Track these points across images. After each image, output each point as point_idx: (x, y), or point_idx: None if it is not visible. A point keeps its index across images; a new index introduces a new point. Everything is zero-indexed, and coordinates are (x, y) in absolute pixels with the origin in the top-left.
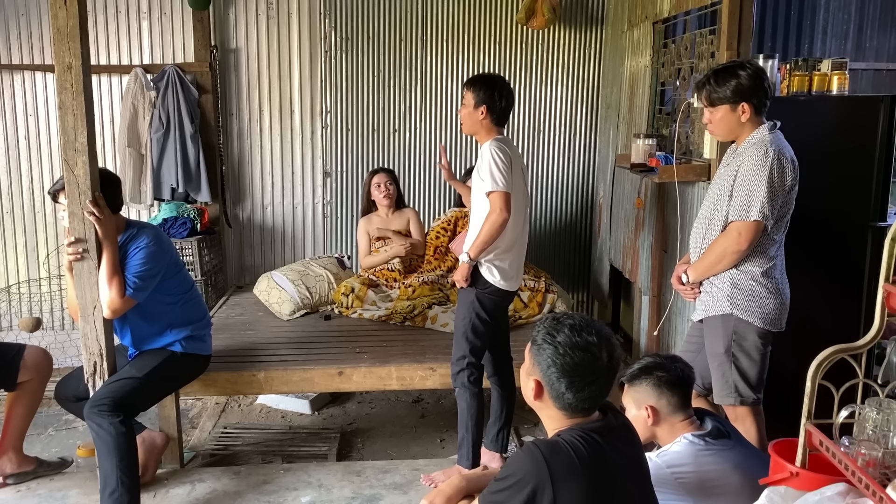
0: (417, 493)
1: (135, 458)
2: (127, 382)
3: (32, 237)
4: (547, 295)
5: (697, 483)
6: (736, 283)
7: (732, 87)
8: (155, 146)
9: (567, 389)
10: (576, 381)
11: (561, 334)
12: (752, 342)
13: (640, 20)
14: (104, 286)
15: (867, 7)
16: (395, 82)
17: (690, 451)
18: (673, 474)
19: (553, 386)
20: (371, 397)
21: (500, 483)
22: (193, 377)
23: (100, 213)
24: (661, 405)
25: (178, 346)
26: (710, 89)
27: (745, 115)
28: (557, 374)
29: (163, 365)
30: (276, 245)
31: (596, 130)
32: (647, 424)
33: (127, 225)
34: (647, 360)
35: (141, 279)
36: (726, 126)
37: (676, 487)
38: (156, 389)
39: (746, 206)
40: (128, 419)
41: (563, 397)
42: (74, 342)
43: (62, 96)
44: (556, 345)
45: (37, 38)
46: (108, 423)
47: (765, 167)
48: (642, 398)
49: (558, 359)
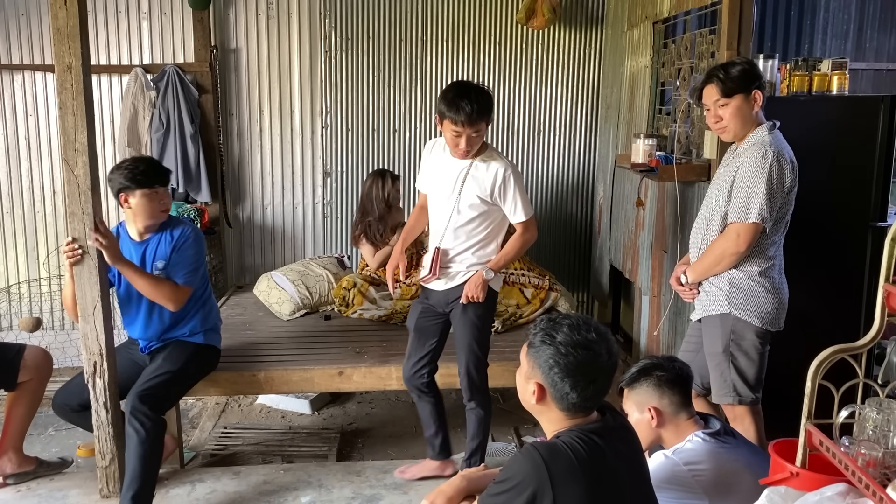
0: (417, 494)
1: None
2: (166, 378)
3: (32, 237)
4: (550, 293)
5: (714, 480)
6: (734, 282)
7: (740, 72)
8: (155, 146)
9: (571, 389)
10: (580, 380)
11: (560, 334)
12: (750, 342)
13: (640, 20)
14: (155, 297)
15: (867, 7)
16: (395, 82)
17: (706, 449)
18: (690, 471)
19: (556, 387)
20: (371, 397)
21: (500, 486)
22: (210, 371)
23: (103, 238)
24: (664, 405)
25: (200, 336)
26: (724, 78)
27: (757, 103)
28: (561, 375)
29: (192, 358)
30: (276, 245)
31: (596, 130)
32: (652, 426)
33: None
34: (645, 361)
35: (195, 266)
36: (741, 118)
37: (693, 485)
38: (186, 383)
39: (745, 207)
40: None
41: (567, 397)
42: (74, 342)
43: (62, 96)
44: (557, 345)
45: (37, 38)
46: (153, 423)
47: (764, 168)
48: (644, 400)
49: (561, 359)
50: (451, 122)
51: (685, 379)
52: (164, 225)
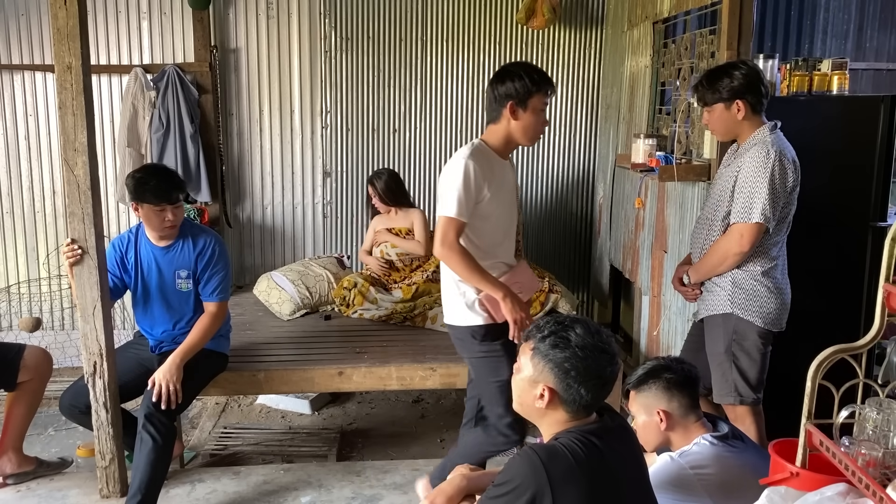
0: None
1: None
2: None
3: (32, 237)
4: (550, 295)
5: (719, 484)
6: (737, 282)
7: (724, 86)
8: (155, 146)
9: (587, 392)
10: (597, 383)
11: (575, 337)
12: (752, 342)
13: (640, 20)
14: (209, 338)
15: (867, 7)
16: (395, 82)
17: (712, 453)
18: (696, 475)
19: (570, 389)
20: (371, 397)
21: (499, 489)
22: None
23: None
24: (673, 408)
25: (212, 343)
26: (703, 91)
27: (741, 112)
28: (580, 378)
29: (205, 364)
30: (276, 245)
31: (596, 130)
32: (661, 429)
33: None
34: (652, 363)
35: (226, 280)
36: (724, 125)
37: (697, 489)
38: (197, 389)
39: (748, 207)
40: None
41: (580, 400)
42: (74, 342)
43: (62, 96)
44: (574, 348)
45: (37, 38)
46: (167, 429)
47: (766, 168)
48: (652, 403)
49: (579, 362)
50: (544, 95)
51: (694, 381)
52: (185, 231)
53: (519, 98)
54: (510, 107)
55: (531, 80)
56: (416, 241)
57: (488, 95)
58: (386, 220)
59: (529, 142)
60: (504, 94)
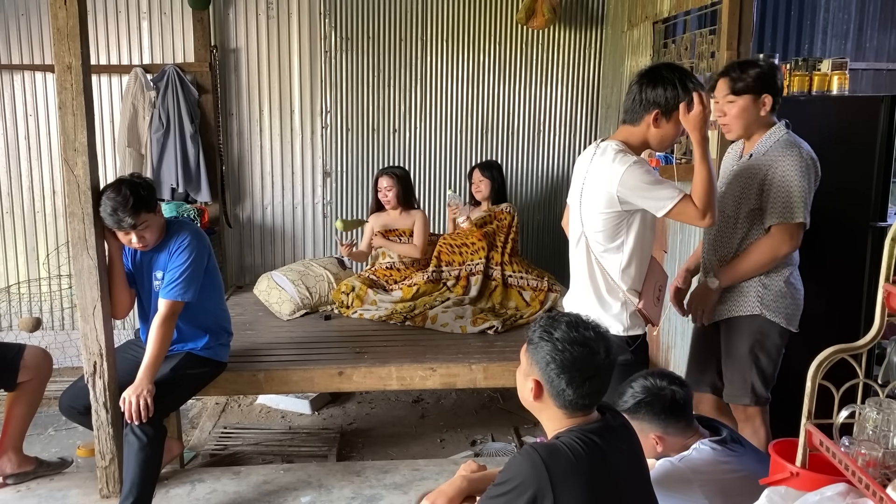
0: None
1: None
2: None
3: (32, 237)
4: (549, 294)
5: (720, 488)
6: (767, 284)
7: (756, 75)
8: (155, 146)
9: (567, 386)
10: (576, 376)
11: (558, 331)
12: (773, 342)
13: (640, 20)
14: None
15: (867, 7)
16: (395, 82)
17: (713, 457)
18: (696, 479)
19: (553, 383)
20: (371, 397)
21: (500, 488)
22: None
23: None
24: (668, 432)
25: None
26: (736, 76)
27: (766, 108)
28: (557, 371)
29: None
30: (276, 245)
31: (596, 130)
32: (657, 451)
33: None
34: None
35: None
36: (745, 119)
37: (697, 493)
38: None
39: (789, 207)
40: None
41: (563, 394)
42: (74, 342)
43: (62, 96)
44: (555, 341)
45: (37, 38)
46: (156, 432)
47: (803, 168)
48: (646, 428)
49: (557, 355)
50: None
51: (685, 405)
52: (170, 231)
53: (666, 108)
54: (655, 115)
55: (684, 90)
56: (412, 245)
57: (633, 94)
58: (386, 219)
59: (662, 150)
60: (652, 101)
